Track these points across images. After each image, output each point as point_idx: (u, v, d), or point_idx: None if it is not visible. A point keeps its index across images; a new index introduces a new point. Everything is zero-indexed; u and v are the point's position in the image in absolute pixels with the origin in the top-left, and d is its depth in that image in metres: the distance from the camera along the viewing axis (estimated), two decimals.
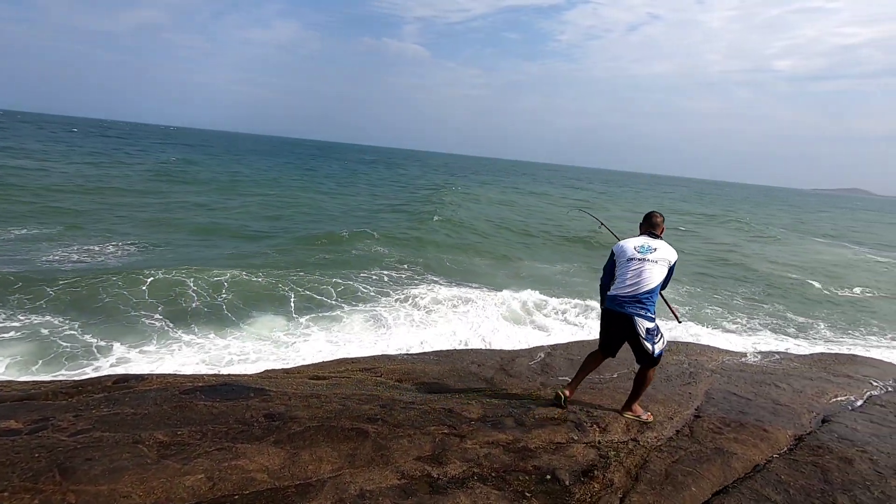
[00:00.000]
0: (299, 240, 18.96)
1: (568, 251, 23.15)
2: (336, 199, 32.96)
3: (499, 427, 3.59)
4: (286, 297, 11.62)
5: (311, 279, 12.90)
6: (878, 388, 5.50)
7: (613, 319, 3.96)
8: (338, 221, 23.76)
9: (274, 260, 15.34)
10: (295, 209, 26.88)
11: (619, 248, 4.03)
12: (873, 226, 59.54)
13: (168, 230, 18.76)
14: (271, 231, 20.42)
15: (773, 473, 3.34)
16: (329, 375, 5.01)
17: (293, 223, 22.80)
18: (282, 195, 31.85)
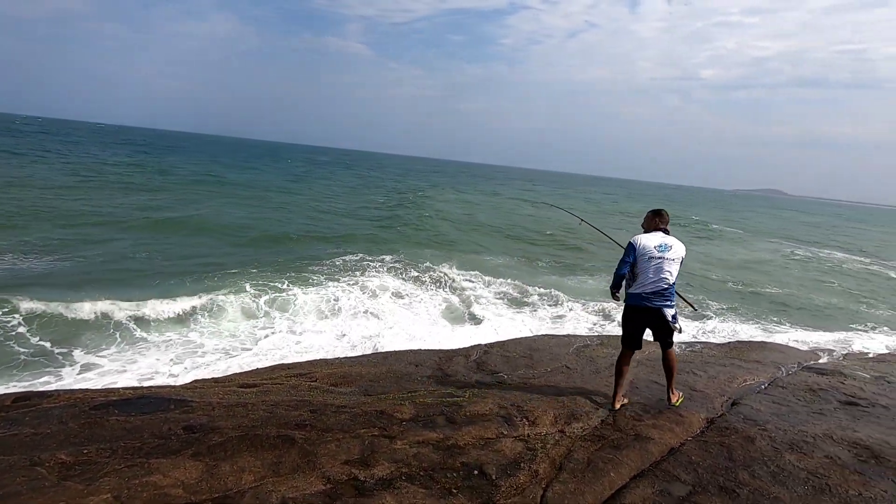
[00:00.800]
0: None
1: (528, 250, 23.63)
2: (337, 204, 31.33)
3: (430, 426, 3.62)
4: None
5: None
6: (782, 371, 6.02)
7: (640, 314, 4.22)
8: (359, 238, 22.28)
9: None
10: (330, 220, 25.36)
11: (640, 246, 4.17)
12: (789, 222, 64.95)
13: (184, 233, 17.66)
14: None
15: (686, 455, 3.57)
16: (261, 382, 4.85)
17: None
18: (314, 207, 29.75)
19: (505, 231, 28.02)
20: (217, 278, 12.64)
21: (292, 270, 13.95)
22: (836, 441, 3.89)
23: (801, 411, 4.54)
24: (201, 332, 9.65)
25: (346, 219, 26.41)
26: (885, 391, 5.27)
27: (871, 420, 4.41)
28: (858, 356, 7.48)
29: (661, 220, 4.31)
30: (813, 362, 6.59)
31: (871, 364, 6.70)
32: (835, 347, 8.61)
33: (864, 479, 3.33)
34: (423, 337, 9.98)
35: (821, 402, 4.84)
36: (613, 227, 27.65)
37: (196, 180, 35.87)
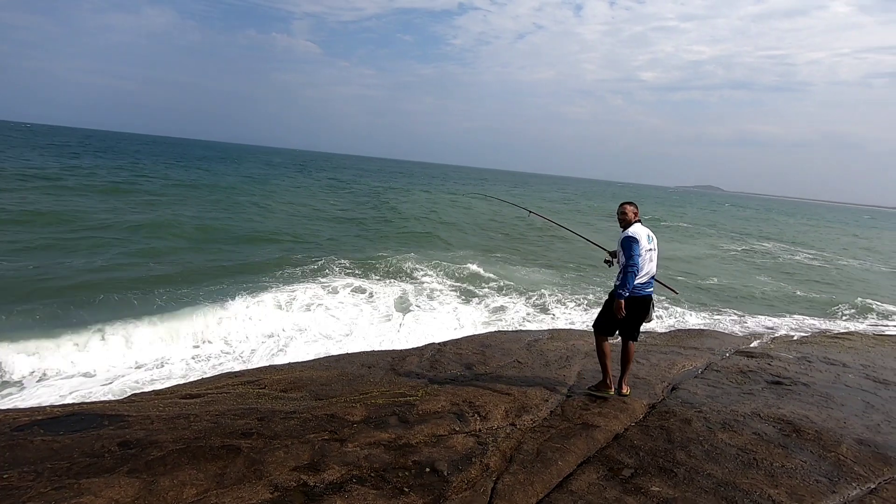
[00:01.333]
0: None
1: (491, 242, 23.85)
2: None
3: (382, 427, 3.60)
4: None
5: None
6: (717, 356, 6.41)
7: (636, 303, 4.33)
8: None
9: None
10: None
11: (638, 240, 4.28)
12: (725, 216, 69.02)
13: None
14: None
15: (629, 440, 3.74)
16: (205, 392, 4.66)
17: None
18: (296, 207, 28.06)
19: (464, 227, 28.26)
20: (173, 288, 12.00)
21: (245, 273, 13.49)
22: (763, 418, 4.19)
23: (733, 392, 4.86)
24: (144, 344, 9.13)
25: (308, 221, 25.78)
26: (805, 370, 5.72)
27: (793, 397, 4.77)
28: (784, 339, 8.06)
29: (637, 212, 4.49)
30: (744, 346, 7.06)
31: (795, 346, 7.25)
32: (764, 332, 9.24)
33: (787, 452, 3.60)
34: (382, 334, 9.91)
35: (750, 383, 5.20)
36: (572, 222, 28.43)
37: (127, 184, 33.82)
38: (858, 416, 4.40)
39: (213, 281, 12.85)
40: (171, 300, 11.08)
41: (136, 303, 10.71)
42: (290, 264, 15.18)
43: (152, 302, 10.86)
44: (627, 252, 4.26)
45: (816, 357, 6.38)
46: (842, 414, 4.41)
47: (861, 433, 4.01)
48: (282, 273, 14.07)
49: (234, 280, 12.97)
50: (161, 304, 10.79)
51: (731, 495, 3.04)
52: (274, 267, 14.80)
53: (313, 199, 35.62)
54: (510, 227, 28.66)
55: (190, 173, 45.92)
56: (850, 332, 9.04)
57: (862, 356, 6.62)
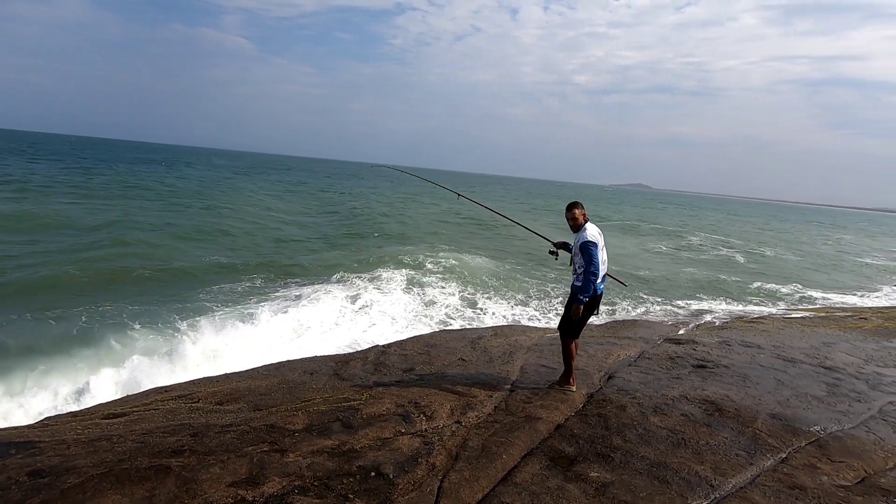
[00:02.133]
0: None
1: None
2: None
3: (325, 434, 3.51)
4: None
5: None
6: (649, 345, 6.78)
7: (595, 302, 4.49)
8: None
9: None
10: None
11: (597, 241, 4.38)
12: (655, 212, 73.31)
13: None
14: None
15: (569, 429, 3.88)
16: (130, 411, 4.34)
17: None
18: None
19: (417, 225, 28.19)
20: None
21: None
22: (690, 400, 4.49)
23: (663, 378, 5.16)
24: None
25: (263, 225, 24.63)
26: (726, 353, 6.18)
27: (716, 379, 5.14)
28: (707, 325, 8.68)
29: (584, 212, 4.56)
30: (673, 334, 7.52)
31: (717, 331, 7.82)
32: (690, 320, 9.89)
33: (711, 430, 3.88)
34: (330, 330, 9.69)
35: (678, 368, 5.54)
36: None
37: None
38: (771, 392, 4.81)
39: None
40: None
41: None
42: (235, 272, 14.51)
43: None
44: (588, 257, 4.30)
45: (735, 341, 6.91)
46: (757, 392, 4.80)
47: (773, 408, 4.39)
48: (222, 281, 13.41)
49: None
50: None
51: (663, 474, 3.22)
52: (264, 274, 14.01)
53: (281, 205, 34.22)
54: (458, 221, 28.93)
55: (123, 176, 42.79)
56: (764, 317, 9.87)
57: (773, 338, 7.25)
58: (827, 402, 4.63)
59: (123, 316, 10.36)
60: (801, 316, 10.06)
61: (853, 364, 5.95)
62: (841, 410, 4.45)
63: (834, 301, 18.52)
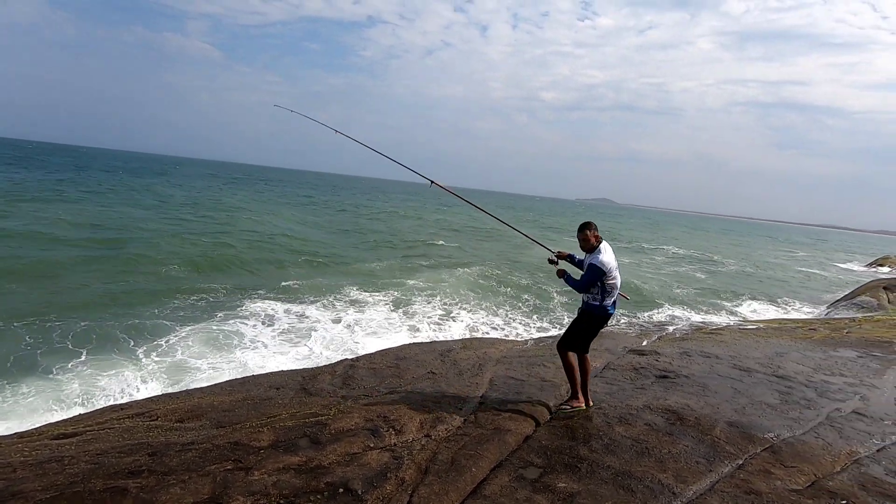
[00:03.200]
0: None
1: (391, 253, 23.66)
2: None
3: (291, 450, 3.44)
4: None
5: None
6: (614, 356, 6.94)
7: (605, 322, 4.52)
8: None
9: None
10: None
11: (606, 267, 4.29)
12: (621, 225, 75.44)
13: None
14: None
15: (537, 441, 3.92)
16: (83, 430, 4.14)
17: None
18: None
19: (387, 239, 28.00)
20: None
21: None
22: (653, 410, 4.62)
23: (628, 388, 5.30)
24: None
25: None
26: (686, 364, 6.39)
27: (677, 389, 5.31)
28: (669, 337, 8.95)
29: (597, 232, 4.48)
30: (636, 345, 7.73)
31: (678, 342, 8.09)
32: (653, 330, 10.19)
33: (672, 439, 4.00)
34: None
35: (642, 378, 5.70)
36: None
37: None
38: (728, 401, 5.01)
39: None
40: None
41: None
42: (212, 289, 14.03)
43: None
44: (583, 277, 4.39)
45: (695, 351, 7.16)
46: (715, 400, 4.99)
47: (731, 416, 4.57)
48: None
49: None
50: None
51: (627, 483, 3.30)
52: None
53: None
54: (429, 237, 28.94)
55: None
56: (722, 328, 10.27)
57: (731, 348, 7.55)
58: (780, 410, 4.85)
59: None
60: (756, 327, 10.51)
61: (803, 373, 6.26)
62: (792, 417, 4.67)
63: (786, 312, 19.45)
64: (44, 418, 6.36)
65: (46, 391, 7.65)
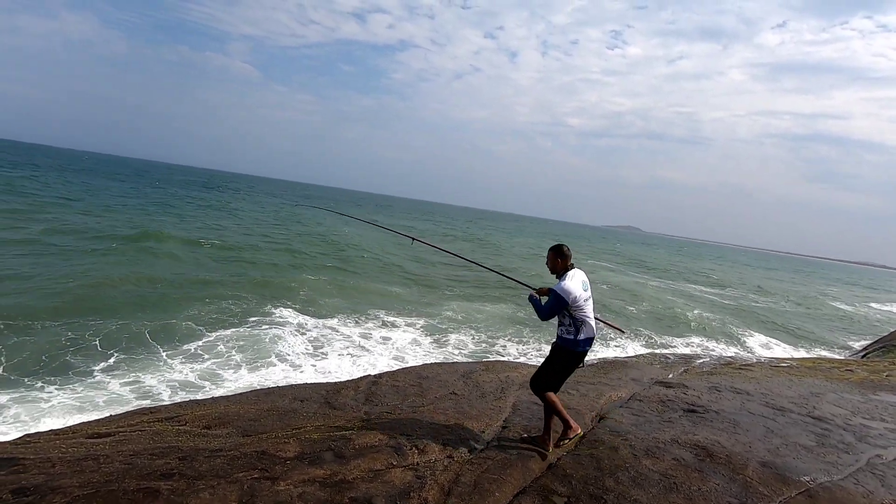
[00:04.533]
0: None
1: (404, 278, 23.81)
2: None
3: (316, 463, 3.47)
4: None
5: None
6: (640, 387, 6.80)
7: (580, 359, 4.07)
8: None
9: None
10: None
11: (568, 293, 3.87)
12: (652, 255, 74.26)
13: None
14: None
15: (562, 469, 3.86)
16: (116, 431, 4.25)
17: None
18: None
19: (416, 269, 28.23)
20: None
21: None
22: (681, 444, 4.49)
23: (655, 420, 5.17)
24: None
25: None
26: (716, 398, 6.21)
27: (706, 424, 5.16)
28: (697, 370, 8.71)
29: (568, 258, 4.10)
30: (663, 377, 7.55)
31: (706, 376, 7.86)
32: (680, 363, 9.93)
33: (702, 476, 3.87)
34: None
35: (669, 411, 5.55)
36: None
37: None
38: (761, 440, 4.83)
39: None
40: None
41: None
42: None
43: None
44: (547, 303, 3.96)
45: (725, 386, 6.95)
46: (747, 439, 4.82)
47: (764, 456, 4.40)
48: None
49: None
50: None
51: None
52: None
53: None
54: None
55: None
56: (752, 364, 9.94)
57: (762, 385, 7.30)
58: (816, 452, 4.65)
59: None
60: (789, 365, 10.14)
61: (841, 415, 6.00)
62: (830, 461, 4.48)
63: (820, 351, 18.70)
64: (76, 418, 6.55)
65: (79, 391, 7.88)
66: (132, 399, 7.57)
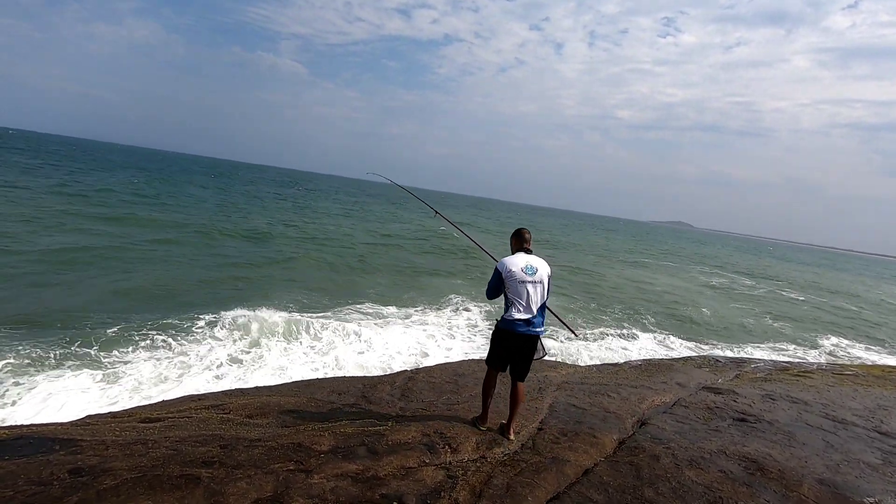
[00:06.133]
0: None
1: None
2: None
3: (350, 457, 3.51)
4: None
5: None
6: (686, 392, 6.50)
7: (515, 339, 4.08)
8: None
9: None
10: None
11: (505, 269, 4.02)
12: (703, 251, 71.09)
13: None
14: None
15: (598, 476, 3.73)
16: (165, 416, 4.48)
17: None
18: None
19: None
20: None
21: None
22: (729, 456, 4.25)
23: (700, 429, 4.92)
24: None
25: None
26: (769, 408, 5.84)
27: (758, 435, 4.86)
28: (749, 375, 8.24)
29: (523, 240, 4.20)
30: (711, 383, 7.19)
31: (759, 383, 7.42)
32: (731, 367, 9.43)
33: (752, 491, 3.65)
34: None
35: (717, 419, 5.28)
36: None
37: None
38: (819, 455, 4.50)
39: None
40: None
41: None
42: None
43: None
44: (490, 281, 4.12)
45: (780, 395, 6.53)
46: (803, 453, 4.50)
47: (822, 473, 4.10)
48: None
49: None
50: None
51: None
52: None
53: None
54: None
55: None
56: (812, 371, 9.30)
57: (822, 395, 6.81)
58: (882, 472, 4.28)
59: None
60: (854, 373, 9.42)
61: None
62: None
63: (889, 360, 17.30)
64: (133, 401, 6.98)
65: (137, 373, 8.40)
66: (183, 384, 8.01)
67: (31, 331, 9.49)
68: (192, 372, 8.64)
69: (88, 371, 8.36)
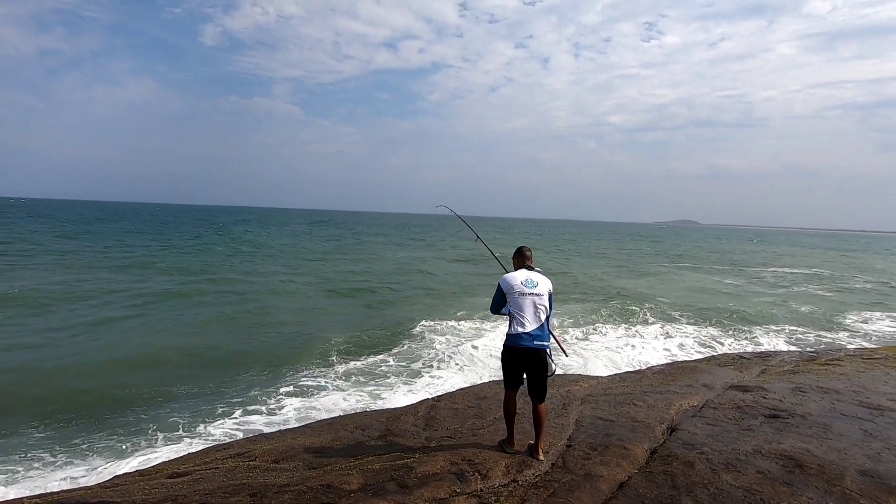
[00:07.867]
0: None
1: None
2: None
3: (380, 494, 3.48)
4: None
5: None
6: (713, 393, 6.38)
7: (522, 354, 4.10)
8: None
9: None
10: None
11: (507, 284, 4.17)
12: (712, 248, 70.45)
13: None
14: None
15: (633, 489, 3.65)
16: (193, 469, 4.47)
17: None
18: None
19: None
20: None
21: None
22: (765, 455, 4.15)
23: (732, 430, 4.81)
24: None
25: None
26: (800, 401, 5.71)
27: (792, 430, 4.75)
28: (776, 369, 8.08)
29: (524, 258, 4.33)
30: (738, 380, 7.05)
31: (787, 376, 7.27)
32: (756, 362, 9.26)
33: (793, 490, 3.55)
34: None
35: (748, 418, 5.16)
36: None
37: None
38: (858, 445, 4.38)
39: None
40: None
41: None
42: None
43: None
44: (494, 297, 4.26)
45: (809, 386, 6.39)
46: (841, 444, 4.38)
47: (863, 463, 3.98)
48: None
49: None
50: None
51: None
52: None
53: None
54: None
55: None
56: (840, 358, 9.10)
57: (854, 382, 6.65)
58: None
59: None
60: (884, 356, 9.20)
61: None
62: None
63: None
64: (159, 455, 6.96)
65: (161, 430, 8.40)
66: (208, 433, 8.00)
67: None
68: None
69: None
